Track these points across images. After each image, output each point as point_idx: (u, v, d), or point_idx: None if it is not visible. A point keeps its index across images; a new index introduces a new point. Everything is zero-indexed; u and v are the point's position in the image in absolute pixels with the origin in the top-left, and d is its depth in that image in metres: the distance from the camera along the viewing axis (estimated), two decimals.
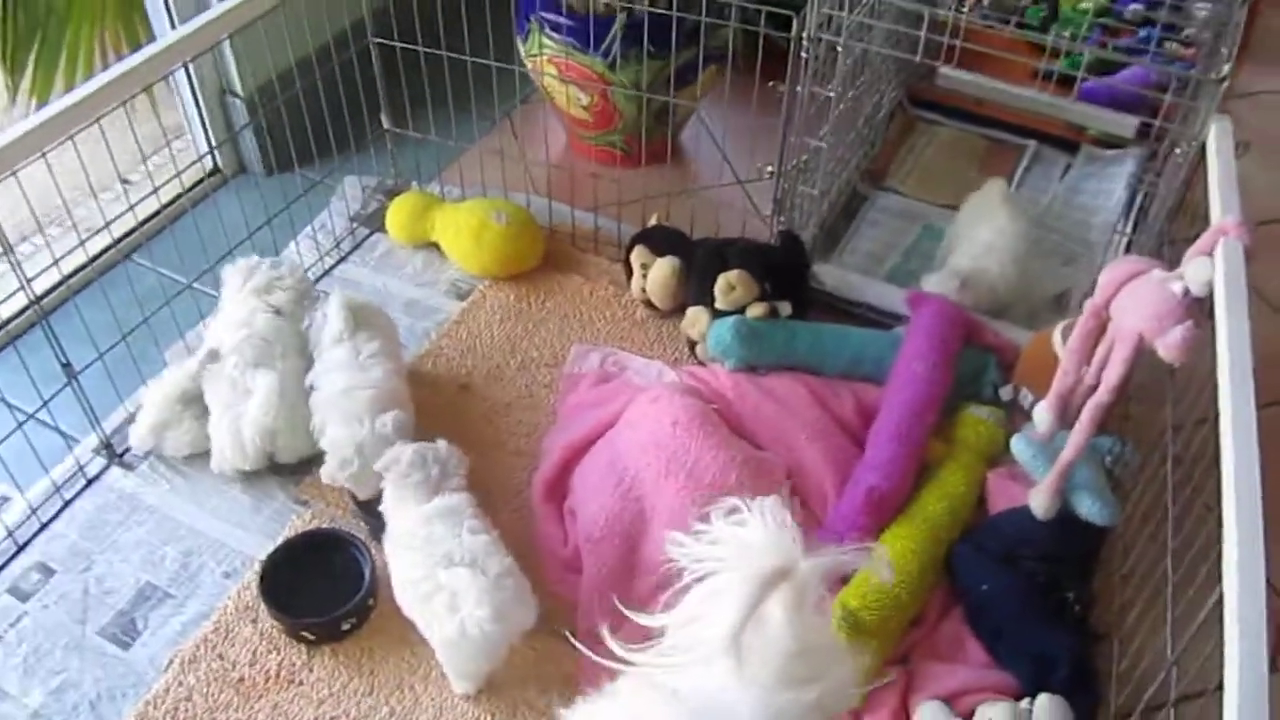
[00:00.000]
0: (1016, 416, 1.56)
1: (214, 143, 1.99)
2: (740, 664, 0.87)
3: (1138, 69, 2.13)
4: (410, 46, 1.72)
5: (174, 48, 1.45)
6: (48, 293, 1.62)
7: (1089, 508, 1.35)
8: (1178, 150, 1.38)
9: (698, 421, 1.45)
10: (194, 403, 1.53)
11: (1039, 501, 1.37)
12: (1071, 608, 1.35)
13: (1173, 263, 1.28)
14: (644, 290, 1.74)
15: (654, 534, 1.39)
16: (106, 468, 1.56)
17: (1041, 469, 1.39)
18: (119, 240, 1.76)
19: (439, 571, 1.21)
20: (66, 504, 1.51)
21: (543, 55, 1.89)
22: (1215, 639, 0.83)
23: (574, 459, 1.53)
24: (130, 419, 1.58)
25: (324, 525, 1.47)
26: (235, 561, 1.46)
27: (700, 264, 1.68)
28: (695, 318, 1.64)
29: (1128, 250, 1.85)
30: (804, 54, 1.50)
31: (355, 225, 1.94)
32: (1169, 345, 1.19)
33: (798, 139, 1.60)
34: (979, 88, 2.11)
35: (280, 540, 1.45)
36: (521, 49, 1.96)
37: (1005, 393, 1.59)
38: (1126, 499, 1.38)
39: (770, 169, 1.70)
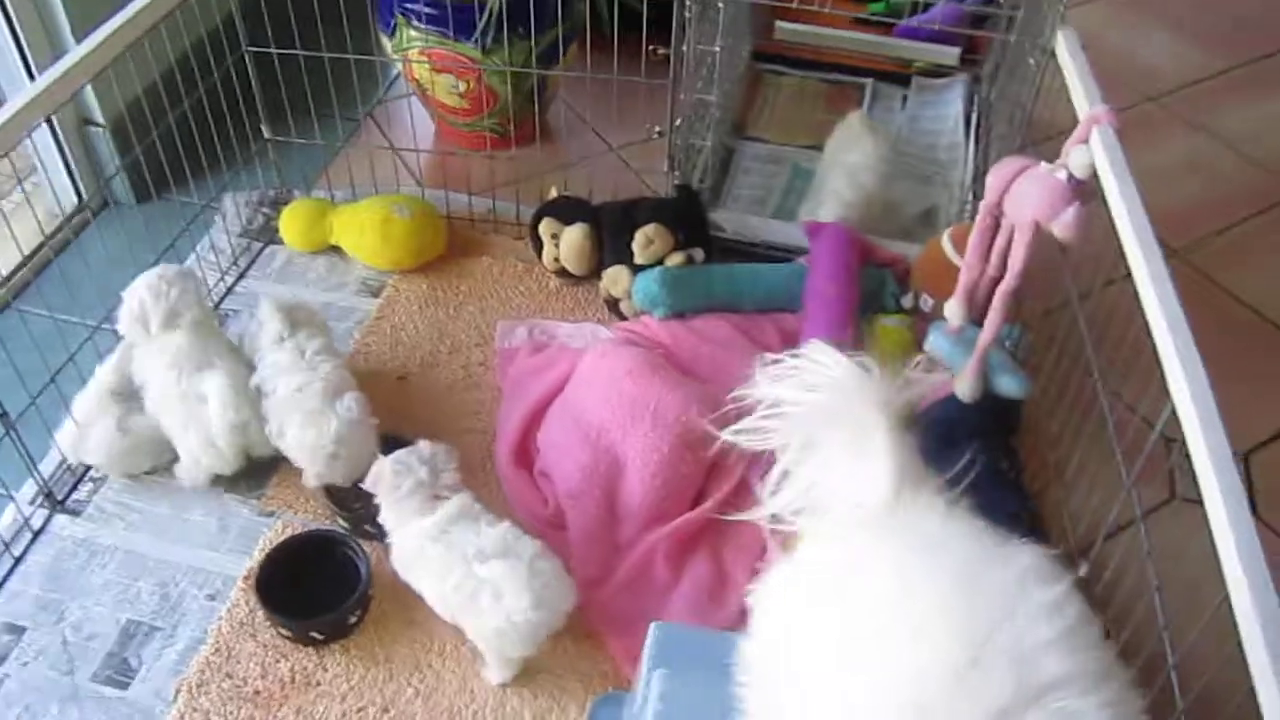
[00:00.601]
0: (919, 320, 1.72)
1: (77, 176, 1.91)
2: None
3: (951, 8, 2.36)
4: (289, 52, 1.72)
5: (36, 102, 1.33)
6: None
7: (1007, 384, 1.52)
8: (1031, 61, 1.56)
9: (649, 367, 1.54)
10: (124, 397, 1.51)
11: (965, 387, 1.53)
12: (1007, 475, 1.52)
13: (1047, 159, 1.45)
14: (557, 260, 1.80)
15: (630, 479, 1.47)
16: (50, 517, 1.50)
17: (961, 358, 1.55)
18: None
19: (475, 567, 1.24)
20: (18, 560, 1.45)
21: (413, 48, 1.92)
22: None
23: (533, 425, 1.59)
24: (63, 463, 1.53)
25: (299, 531, 1.47)
26: (216, 583, 1.44)
27: (610, 225, 1.76)
28: (616, 276, 1.72)
29: (976, 162, 2.06)
30: (687, 14, 1.60)
31: (247, 241, 1.91)
32: (1064, 225, 1.36)
33: (687, 96, 1.70)
34: (816, 36, 2.28)
35: (263, 551, 1.44)
36: (388, 44, 1.98)
37: (906, 301, 1.74)
38: (1035, 373, 1.56)
39: (658, 129, 1.79)
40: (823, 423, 0.90)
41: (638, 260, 1.71)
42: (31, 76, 1.81)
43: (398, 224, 1.81)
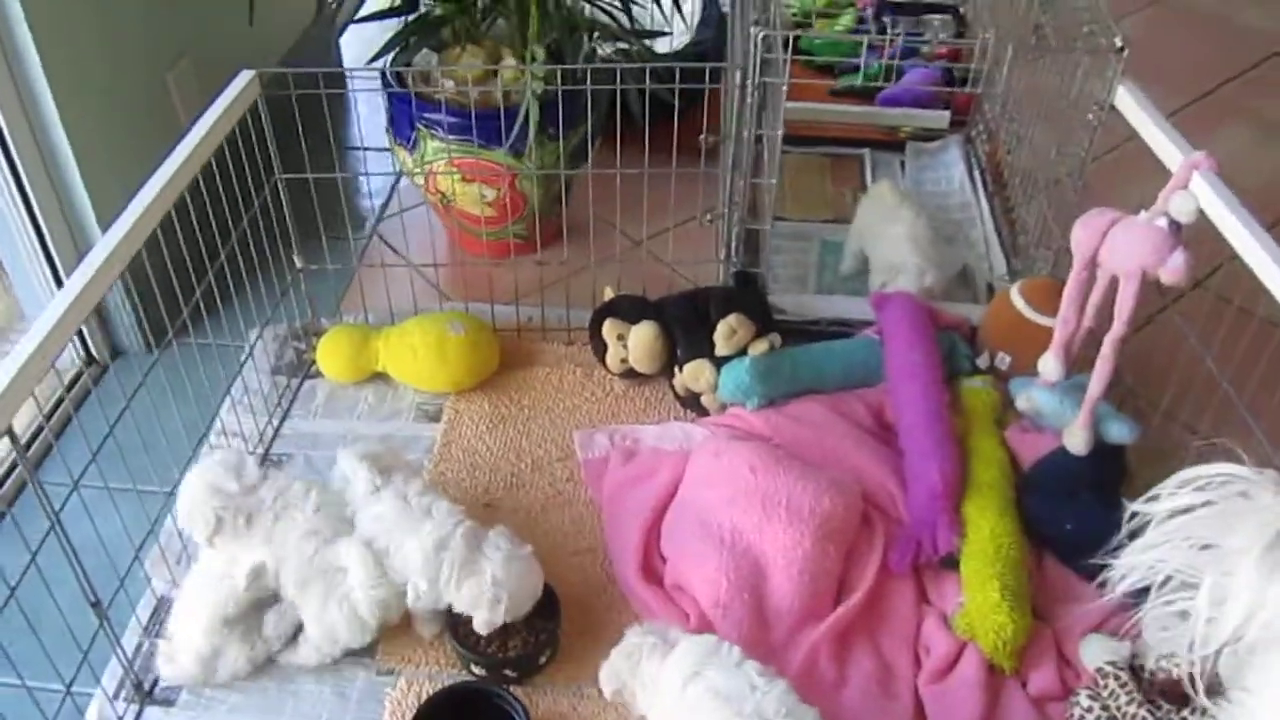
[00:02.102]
0: (998, 380, 1.72)
1: (83, 330, 1.76)
2: None
3: (921, 71, 2.43)
4: (325, 176, 1.63)
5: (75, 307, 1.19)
6: None
7: (1118, 431, 1.53)
8: (1090, 116, 1.60)
9: (772, 459, 1.48)
10: (236, 623, 1.35)
11: (1077, 439, 1.52)
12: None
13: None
14: (624, 361, 1.74)
15: (775, 580, 1.40)
16: (140, 711, 1.34)
17: (1070, 411, 1.55)
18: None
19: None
20: None
21: (439, 159, 1.85)
22: None
23: (653, 537, 1.51)
24: (149, 648, 1.37)
25: (427, 686, 1.35)
26: None
27: (681, 320, 1.71)
28: (698, 371, 1.67)
29: (994, 218, 2.10)
30: (749, 99, 1.58)
31: (283, 379, 1.78)
32: (1173, 270, 1.38)
33: (745, 181, 1.68)
34: (813, 112, 2.31)
35: (395, 716, 1.31)
36: (406, 158, 1.90)
37: (982, 361, 1.74)
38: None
39: (709, 216, 1.76)
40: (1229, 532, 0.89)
41: (720, 352, 1.66)
42: (50, 259, 1.69)
43: (454, 342, 1.72)
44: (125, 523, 1.34)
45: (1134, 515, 1.48)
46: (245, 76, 1.53)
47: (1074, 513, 1.49)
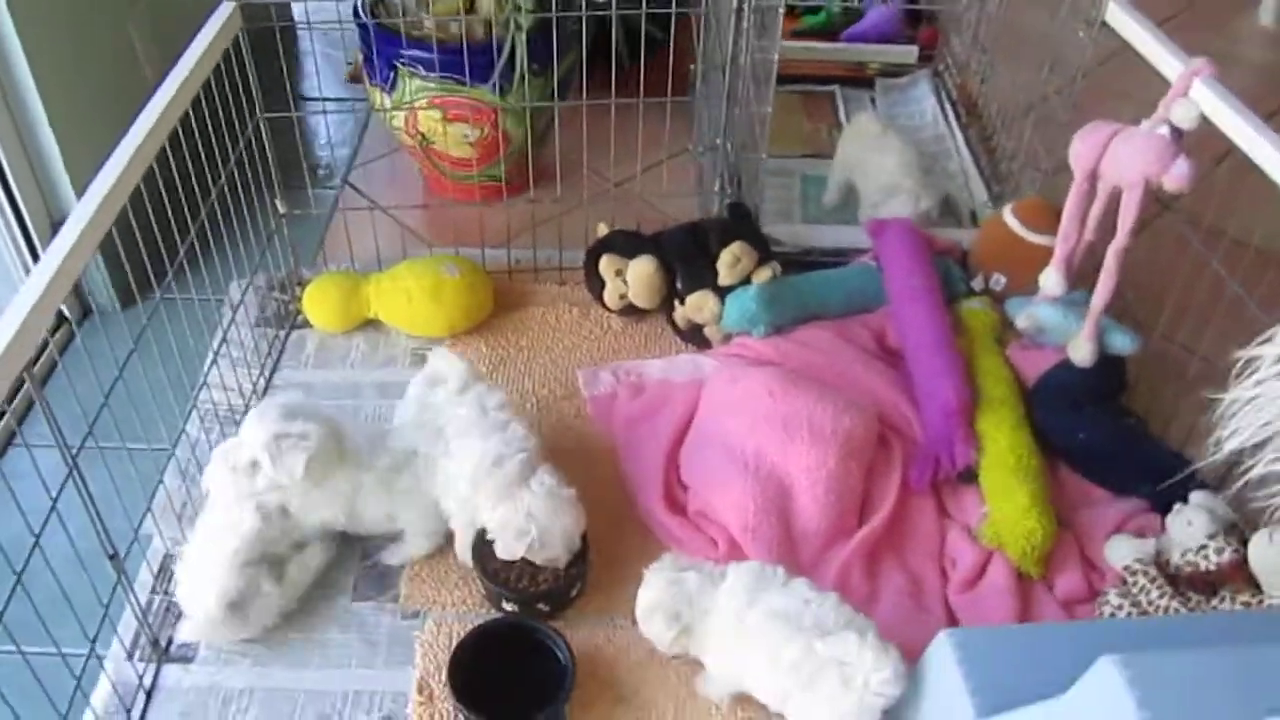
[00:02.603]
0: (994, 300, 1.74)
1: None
2: None
3: (880, 10, 2.44)
4: (314, 113, 1.56)
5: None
6: None
7: (1120, 342, 1.55)
8: (1080, 34, 1.61)
9: (788, 382, 1.48)
10: (258, 565, 1.30)
11: (1083, 351, 1.54)
12: (1138, 429, 1.54)
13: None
14: (623, 297, 1.71)
15: (802, 501, 1.40)
16: (158, 670, 1.28)
17: (1074, 324, 1.56)
18: None
19: (815, 643, 1.14)
20: None
21: (421, 98, 1.79)
22: None
23: (672, 467, 1.49)
24: (165, 605, 1.32)
25: (458, 625, 1.32)
26: (385, 703, 1.27)
27: (679, 251, 1.69)
28: (700, 301, 1.65)
29: (970, 148, 2.11)
30: (746, 24, 1.56)
31: (269, 330, 1.72)
32: (1176, 178, 1.40)
33: (742, 110, 1.66)
34: (786, 50, 2.28)
35: (427, 658, 1.28)
36: (385, 101, 1.84)
37: (977, 283, 1.76)
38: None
39: (701, 148, 1.74)
40: None
41: (723, 281, 1.64)
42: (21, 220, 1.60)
43: (450, 285, 1.67)
44: (116, 481, 1.25)
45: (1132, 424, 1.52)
46: (226, 9, 1.46)
47: (1084, 423, 1.51)
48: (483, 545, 1.34)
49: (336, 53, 2.46)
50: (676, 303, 1.69)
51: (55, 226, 1.66)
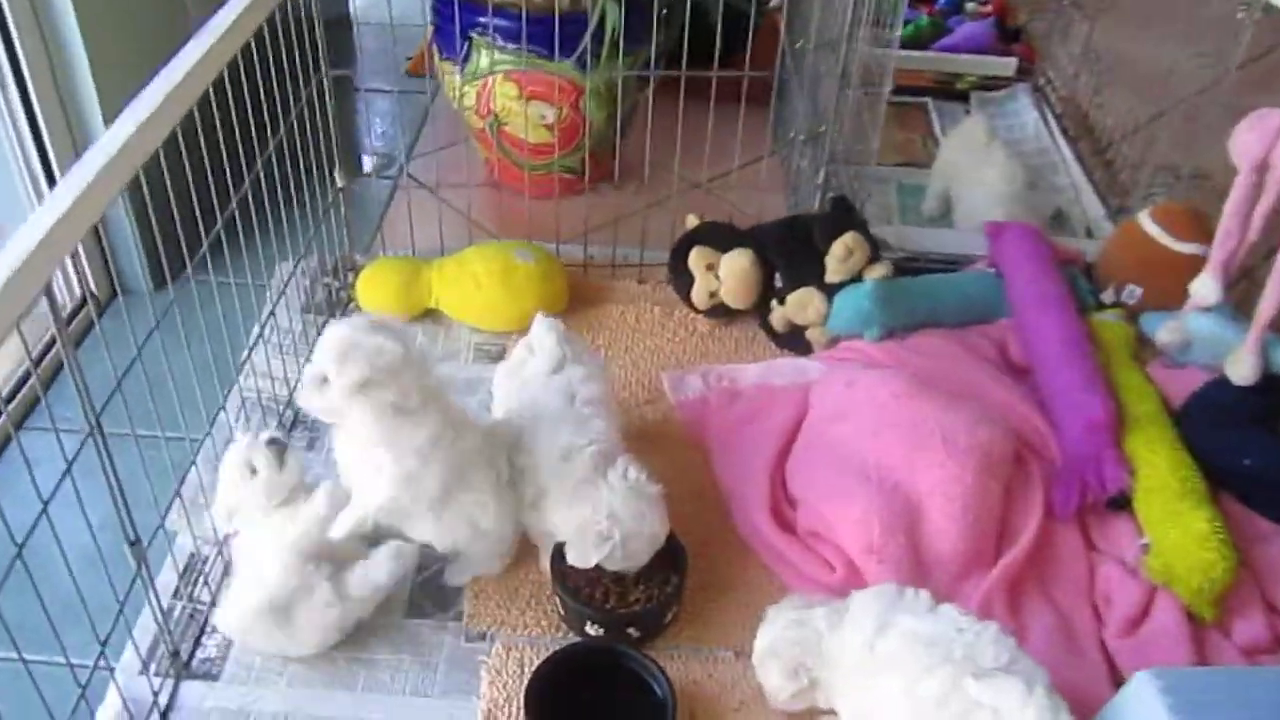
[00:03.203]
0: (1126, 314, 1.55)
1: (81, 262, 1.50)
2: None
3: (973, 25, 2.31)
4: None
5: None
6: None
7: None
8: (1240, 15, 1.45)
9: (915, 387, 1.29)
10: (318, 562, 1.09)
11: (1245, 367, 1.35)
12: None
13: None
14: (713, 295, 1.53)
15: (934, 520, 1.20)
16: (176, 686, 1.09)
17: (1234, 337, 1.37)
18: None
19: (969, 682, 0.93)
20: None
21: (495, 74, 1.63)
22: None
23: (778, 480, 1.30)
24: (189, 612, 1.12)
25: (529, 652, 1.12)
26: None
27: (780, 245, 1.52)
28: (805, 300, 1.47)
29: (1080, 163, 1.95)
30: (865, 11, 1.41)
31: (321, 319, 1.54)
32: None
33: (855, 91, 1.49)
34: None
35: (495, 685, 1.08)
36: (454, 78, 1.68)
37: (1107, 295, 1.57)
38: None
39: (803, 136, 1.58)
40: None
41: (831, 278, 1.46)
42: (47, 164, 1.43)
43: (522, 271, 1.50)
44: (146, 468, 1.04)
45: None
46: None
47: (1251, 447, 1.32)
48: (563, 557, 1.15)
49: (394, 49, 2.33)
50: (774, 303, 1.51)
51: None
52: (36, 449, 0.92)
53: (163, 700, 1.06)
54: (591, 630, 1.13)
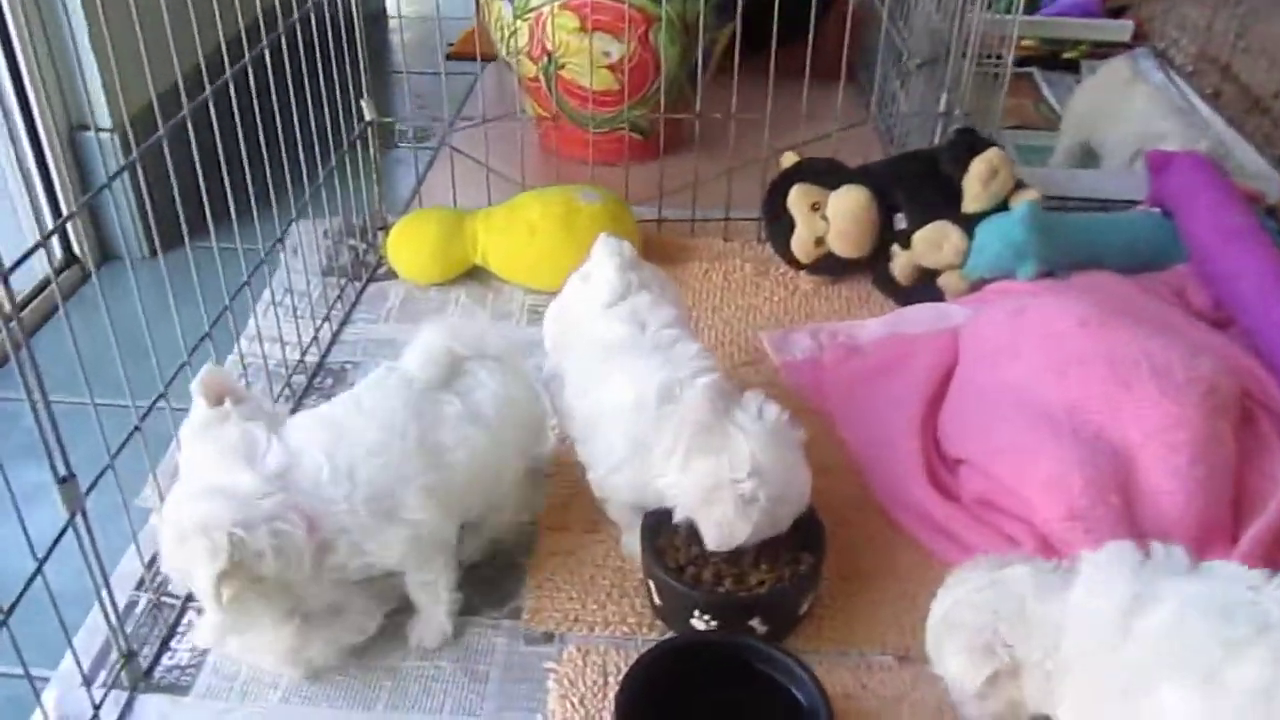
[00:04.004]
0: None
1: (69, 214, 1.25)
2: None
3: None
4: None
5: None
6: None
7: None
8: None
9: (1106, 313, 0.99)
10: None
11: None
12: None
13: None
14: (819, 241, 1.25)
15: (1151, 473, 0.89)
16: (130, 699, 0.79)
17: None
18: None
19: None
20: None
21: (552, 2, 1.39)
22: None
23: (930, 440, 0.99)
24: (153, 606, 0.83)
25: (613, 656, 0.81)
26: None
27: (897, 179, 1.24)
28: (938, 236, 1.18)
29: (1227, 121, 1.67)
30: None
31: (341, 281, 1.28)
32: None
33: (978, 8, 1.24)
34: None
35: (568, 699, 0.77)
36: (504, 8, 1.44)
37: None
38: None
39: (919, 60, 1.32)
40: None
41: (971, 206, 1.18)
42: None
43: (586, 213, 1.23)
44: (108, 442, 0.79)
45: None
46: None
47: None
48: (658, 530, 0.85)
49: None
50: (895, 248, 1.23)
51: (73, 134, 1.26)
52: None
53: (109, 719, 0.77)
54: (699, 622, 0.82)
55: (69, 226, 1.28)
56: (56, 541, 0.70)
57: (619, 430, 0.84)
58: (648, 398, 0.83)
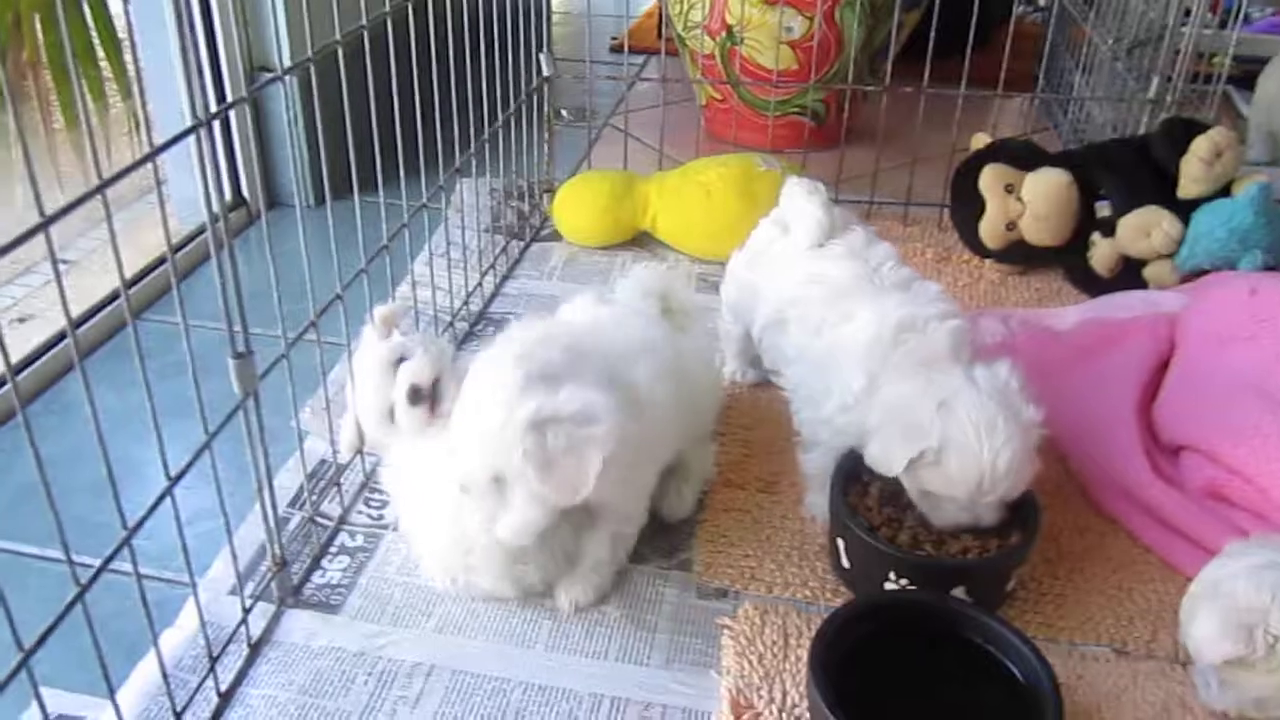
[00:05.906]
0: None
1: (243, 162, 1.25)
2: None
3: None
4: None
5: None
6: None
7: None
8: None
9: None
10: None
11: None
12: None
13: None
14: (1011, 225, 1.16)
15: None
16: (278, 613, 0.75)
17: None
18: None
19: None
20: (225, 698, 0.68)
21: None
22: None
23: (1146, 427, 0.89)
24: (308, 524, 0.79)
25: (793, 618, 0.73)
26: None
27: (1109, 162, 1.15)
28: (1149, 222, 1.08)
29: None
30: None
31: (505, 240, 1.24)
32: None
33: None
34: None
35: (745, 657, 0.70)
36: None
37: None
38: None
39: (1126, 43, 1.23)
40: None
41: (1189, 191, 1.08)
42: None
43: (765, 178, 1.17)
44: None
45: None
46: None
47: None
48: (846, 491, 0.77)
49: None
50: (1096, 236, 1.13)
51: (253, 75, 1.27)
52: None
53: (254, 629, 0.72)
54: (893, 584, 0.73)
55: (241, 169, 1.30)
56: (228, 419, 0.66)
57: (859, 366, 0.77)
58: (886, 333, 0.76)
